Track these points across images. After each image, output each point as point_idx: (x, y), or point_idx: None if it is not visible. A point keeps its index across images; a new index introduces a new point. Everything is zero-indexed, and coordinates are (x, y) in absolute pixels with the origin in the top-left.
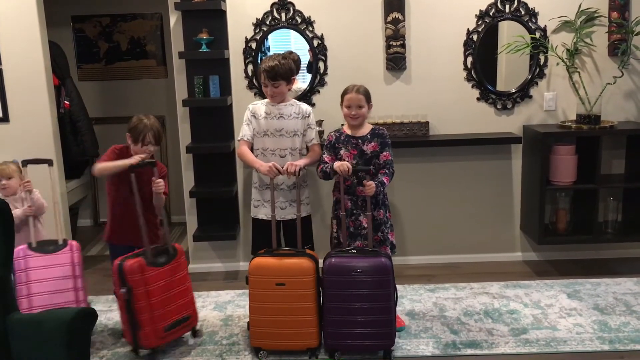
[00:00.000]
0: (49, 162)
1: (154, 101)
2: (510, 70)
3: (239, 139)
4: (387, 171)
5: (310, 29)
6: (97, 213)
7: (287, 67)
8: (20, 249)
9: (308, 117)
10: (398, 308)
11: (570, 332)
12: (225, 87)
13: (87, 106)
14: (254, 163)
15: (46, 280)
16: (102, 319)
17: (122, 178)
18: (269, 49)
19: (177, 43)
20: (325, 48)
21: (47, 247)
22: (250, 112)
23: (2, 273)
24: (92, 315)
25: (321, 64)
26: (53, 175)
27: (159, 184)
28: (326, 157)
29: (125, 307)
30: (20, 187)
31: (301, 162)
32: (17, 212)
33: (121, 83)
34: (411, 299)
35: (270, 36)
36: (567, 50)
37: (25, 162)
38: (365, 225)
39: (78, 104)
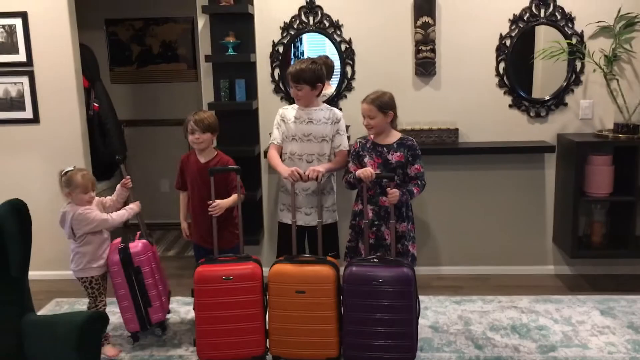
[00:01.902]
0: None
1: (184, 104)
2: (547, 77)
3: (270, 142)
4: (418, 182)
5: (338, 32)
6: None
7: (312, 72)
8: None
9: (338, 122)
10: (421, 320)
11: (601, 352)
12: (252, 91)
13: (119, 108)
14: (278, 167)
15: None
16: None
17: (192, 184)
18: (302, 53)
19: (204, 46)
20: (353, 52)
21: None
22: (280, 116)
23: (19, 274)
24: (103, 319)
25: (349, 69)
26: (123, 171)
27: (215, 207)
28: (351, 166)
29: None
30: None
31: (323, 167)
32: (122, 212)
33: (152, 86)
34: (436, 311)
35: (305, 40)
36: (605, 56)
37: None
38: (387, 237)
39: (107, 106)
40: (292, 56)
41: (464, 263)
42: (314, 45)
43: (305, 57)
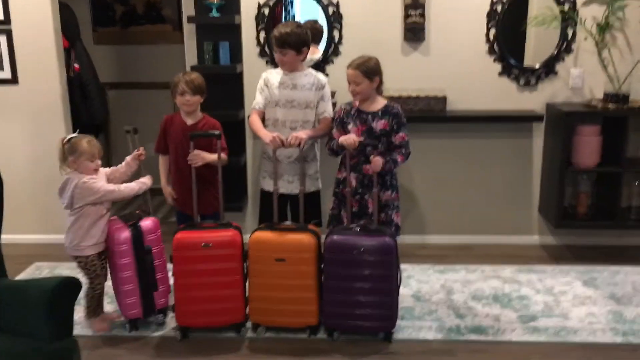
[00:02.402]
0: (134, 130)
1: (169, 67)
2: (539, 44)
3: (252, 107)
4: (402, 151)
5: None
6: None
7: (297, 36)
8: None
9: (322, 88)
10: (404, 289)
11: (582, 322)
12: (236, 54)
13: (102, 70)
14: (259, 132)
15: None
16: None
17: (176, 147)
18: (293, 17)
19: (188, 7)
20: (340, 16)
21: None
22: (263, 81)
23: None
24: (75, 285)
25: (336, 33)
26: (134, 141)
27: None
28: (335, 133)
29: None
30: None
31: (305, 134)
32: (133, 185)
33: (136, 48)
34: (419, 280)
35: (298, 5)
36: (597, 24)
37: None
38: (370, 206)
39: (88, 67)
40: (283, 20)
41: (449, 232)
42: (306, 10)
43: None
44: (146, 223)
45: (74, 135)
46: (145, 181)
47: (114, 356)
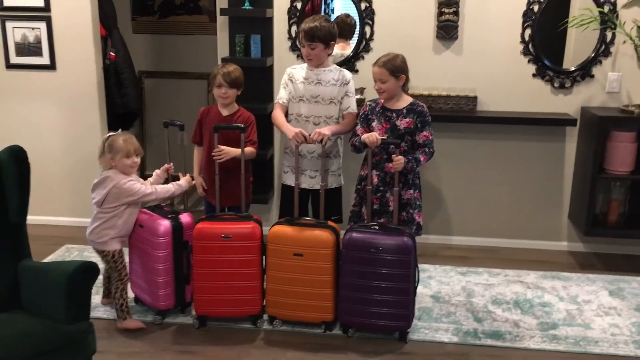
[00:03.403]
0: (181, 127)
1: (205, 58)
2: (579, 46)
3: (275, 101)
4: (426, 150)
5: None
6: (143, 166)
7: (326, 30)
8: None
9: (347, 84)
10: (424, 289)
11: (604, 333)
12: (267, 47)
13: (139, 59)
14: (282, 127)
15: None
16: None
17: (210, 137)
18: (333, 10)
19: None
20: (372, 12)
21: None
22: (287, 76)
23: (17, 220)
24: (93, 269)
25: (367, 29)
26: (184, 140)
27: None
28: (358, 129)
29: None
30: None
31: (329, 130)
32: (169, 187)
33: (174, 38)
34: (440, 281)
35: None
36: (638, 27)
37: (166, 124)
38: (391, 204)
39: (123, 56)
40: (324, 13)
41: (475, 234)
42: (339, 5)
43: (335, 15)
44: (186, 218)
45: (113, 133)
46: (182, 184)
47: (130, 341)
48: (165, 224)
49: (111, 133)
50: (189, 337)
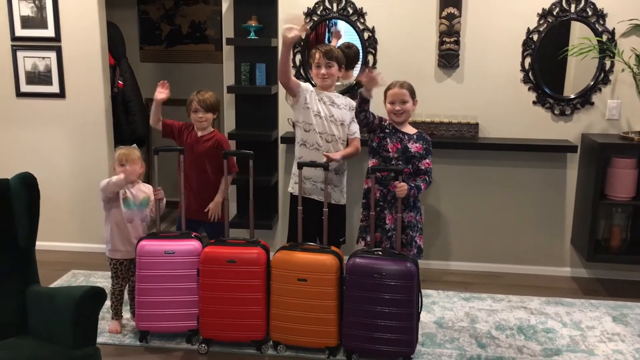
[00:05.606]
0: (180, 151)
1: (210, 85)
2: (579, 75)
3: None
4: (426, 178)
5: (362, 20)
6: None
7: (340, 53)
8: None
9: (353, 110)
10: (427, 315)
11: (607, 359)
12: (272, 75)
13: (146, 87)
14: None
15: None
16: None
17: (187, 153)
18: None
19: (227, 29)
20: (375, 41)
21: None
22: (305, 85)
23: (26, 245)
24: (100, 294)
25: (370, 58)
26: (181, 163)
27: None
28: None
29: None
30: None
31: (339, 155)
32: (113, 178)
33: (180, 66)
34: (443, 306)
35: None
36: (636, 55)
37: (157, 150)
38: (388, 222)
39: (131, 84)
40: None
41: (477, 259)
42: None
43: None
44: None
45: (124, 146)
46: (120, 176)
47: None
48: (195, 243)
49: (122, 146)
50: None
